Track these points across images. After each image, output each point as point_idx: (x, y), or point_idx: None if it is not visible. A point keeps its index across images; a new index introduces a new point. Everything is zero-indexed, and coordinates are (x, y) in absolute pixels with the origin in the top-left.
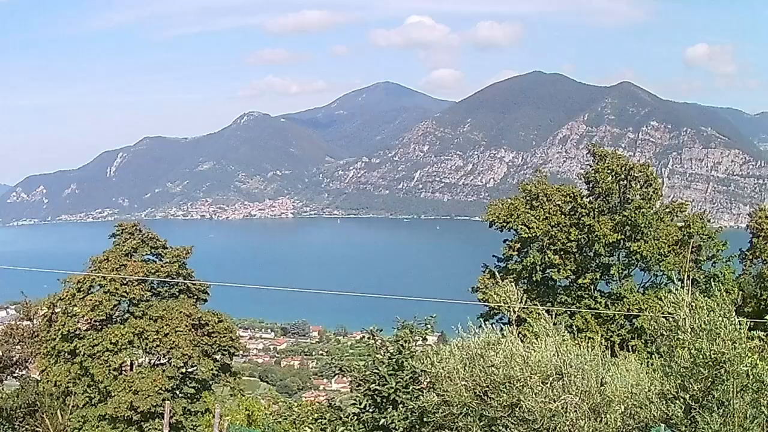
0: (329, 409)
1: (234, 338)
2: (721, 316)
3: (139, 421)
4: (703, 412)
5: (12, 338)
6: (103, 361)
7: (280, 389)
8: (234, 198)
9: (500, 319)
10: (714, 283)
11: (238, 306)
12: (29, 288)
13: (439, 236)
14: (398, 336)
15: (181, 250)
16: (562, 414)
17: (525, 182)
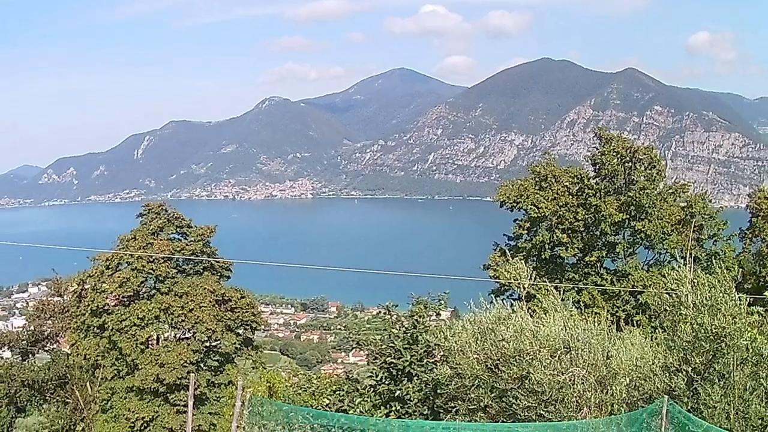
0: (347, 382)
1: (256, 313)
2: (722, 292)
3: (165, 393)
4: (704, 384)
5: (43, 313)
6: (130, 335)
7: (300, 362)
8: (256, 179)
9: (510, 295)
10: (715, 260)
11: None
12: (60, 265)
13: (452, 216)
14: (413, 311)
15: (205, 229)
16: (569, 386)
17: (534, 164)
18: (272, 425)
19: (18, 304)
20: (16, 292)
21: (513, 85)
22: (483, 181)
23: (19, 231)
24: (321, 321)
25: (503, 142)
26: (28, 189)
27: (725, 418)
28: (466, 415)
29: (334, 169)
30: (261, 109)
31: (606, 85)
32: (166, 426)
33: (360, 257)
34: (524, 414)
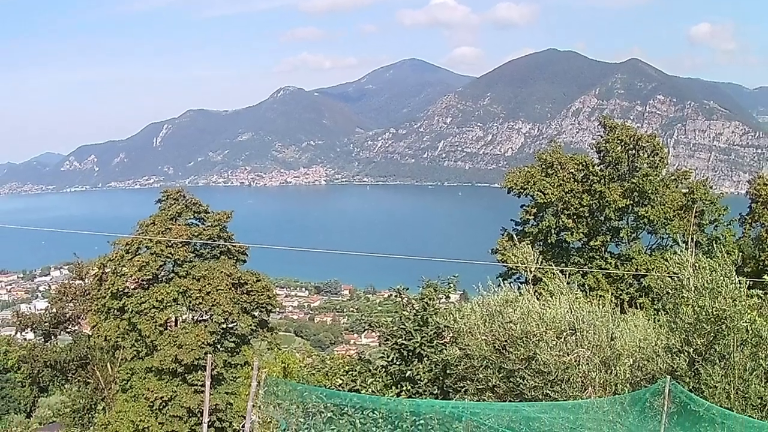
0: (359, 362)
1: (271, 296)
2: (722, 275)
3: (183, 373)
4: (705, 364)
5: (65, 296)
6: (149, 317)
7: (314, 343)
8: (271, 166)
9: (518, 278)
10: (716, 245)
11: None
12: (81, 250)
13: (461, 202)
14: (423, 294)
15: (222, 215)
16: (575, 366)
17: (541, 152)
18: (287, 404)
19: (41, 287)
20: (39, 276)
21: (520, 75)
22: (491, 168)
23: (42, 216)
24: (334, 303)
25: (510, 130)
26: (51, 176)
27: (726, 398)
28: (474, 394)
29: (346, 157)
30: (276, 98)
31: (610, 75)
32: (183, 405)
33: (372, 242)
34: (531, 394)
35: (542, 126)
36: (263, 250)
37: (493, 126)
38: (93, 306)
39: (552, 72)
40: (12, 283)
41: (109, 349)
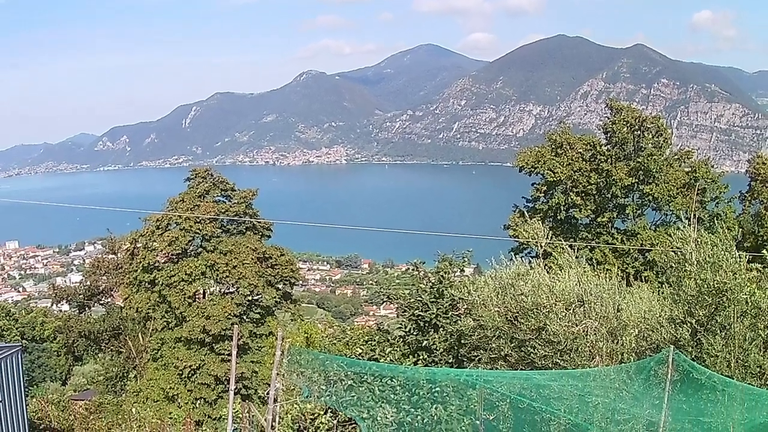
0: (378, 332)
1: (294, 270)
2: (723, 250)
3: (210, 343)
4: (707, 335)
5: (99, 270)
6: (179, 290)
7: (335, 315)
8: (294, 146)
9: (528, 253)
10: (717, 221)
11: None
12: (114, 226)
13: (474, 180)
14: (439, 268)
15: (248, 192)
16: (583, 336)
17: (551, 132)
18: (309, 372)
19: (75, 261)
20: (73, 250)
21: (531, 60)
22: (503, 148)
23: (76, 194)
24: (354, 277)
25: (522, 112)
26: (85, 155)
27: (726, 366)
28: (487, 363)
29: (366, 137)
30: (299, 82)
31: (616, 59)
32: (211, 373)
33: (390, 218)
34: (541, 362)
35: (552, 108)
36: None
37: (506, 108)
38: (125, 279)
39: (561, 57)
40: (48, 258)
41: (141, 320)
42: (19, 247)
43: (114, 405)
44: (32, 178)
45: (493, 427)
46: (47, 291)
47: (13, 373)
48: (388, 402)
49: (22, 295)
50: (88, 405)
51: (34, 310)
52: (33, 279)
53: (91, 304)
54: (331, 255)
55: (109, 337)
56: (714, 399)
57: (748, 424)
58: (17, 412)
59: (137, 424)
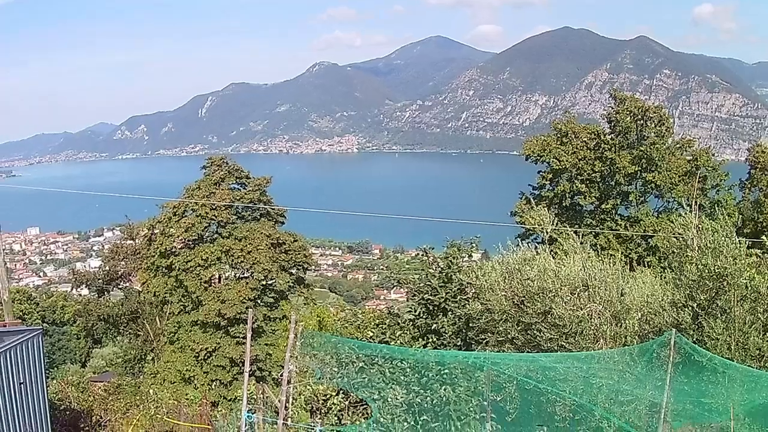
0: (388, 316)
1: (307, 255)
2: (724, 236)
3: (225, 326)
4: (708, 318)
5: (117, 255)
6: (195, 274)
7: (347, 299)
8: (307, 135)
9: (535, 239)
10: (717, 208)
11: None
12: (132, 212)
13: (482, 168)
14: (448, 253)
15: (262, 180)
16: (587, 320)
17: (556, 122)
18: (322, 355)
19: (95, 247)
20: (93, 236)
21: (537, 51)
22: (510, 137)
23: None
24: (365, 262)
25: (528, 102)
26: (104, 144)
27: (727, 349)
28: (495, 346)
29: (377, 126)
30: (312, 73)
31: (620, 51)
32: (226, 356)
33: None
34: (547, 345)
35: (557, 98)
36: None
37: (512, 98)
38: (143, 264)
39: (566, 48)
40: (68, 243)
41: (158, 304)
42: (40, 233)
43: (132, 386)
44: (53, 166)
45: (500, 408)
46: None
47: (34, 355)
48: (398, 383)
49: (43, 280)
50: (107, 386)
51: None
52: (53, 264)
53: (110, 288)
54: (342, 241)
55: (127, 320)
56: (715, 381)
57: (747, 405)
58: (38, 394)
59: (154, 404)
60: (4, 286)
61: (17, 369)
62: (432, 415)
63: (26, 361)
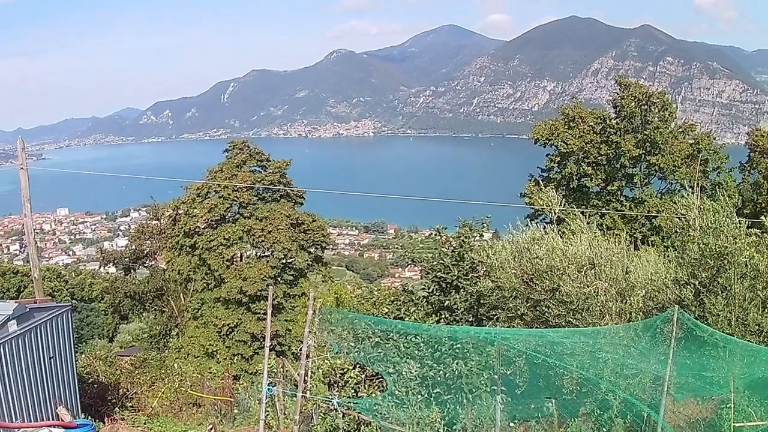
0: (403, 293)
1: (325, 234)
2: (724, 216)
3: (247, 303)
4: (709, 295)
5: (143, 235)
6: (217, 253)
7: (363, 276)
8: (325, 120)
9: (543, 219)
10: (718, 189)
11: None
12: (157, 193)
13: (493, 151)
14: (460, 233)
15: (282, 163)
16: (594, 297)
17: (564, 107)
18: (339, 330)
19: (121, 227)
20: (120, 217)
21: (545, 39)
22: (520, 122)
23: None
24: (381, 241)
25: (537, 88)
26: (130, 128)
27: (727, 325)
28: (505, 322)
29: (392, 111)
30: (330, 60)
31: (625, 39)
32: (248, 331)
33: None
34: (555, 321)
35: (565, 84)
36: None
37: (522, 84)
38: (168, 243)
39: (573, 36)
40: (96, 223)
41: (182, 281)
42: (69, 214)
43: (157, 360)
44: (81, 150)
45: (510, 381)
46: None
47: (63, 330)
48: (412, 358)
49: (72, 259)
50: (133, 360)
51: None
52: (82, 243)
53: (136, 266)
54: (359, 221)
55: (152, 297)
56: (716, 355)
57: (747, 378)
58: (67, 367)
59: (179, 378)
60: (35, 264)
61: (47, 344)
62: (445, 387)
63: (56, 336)
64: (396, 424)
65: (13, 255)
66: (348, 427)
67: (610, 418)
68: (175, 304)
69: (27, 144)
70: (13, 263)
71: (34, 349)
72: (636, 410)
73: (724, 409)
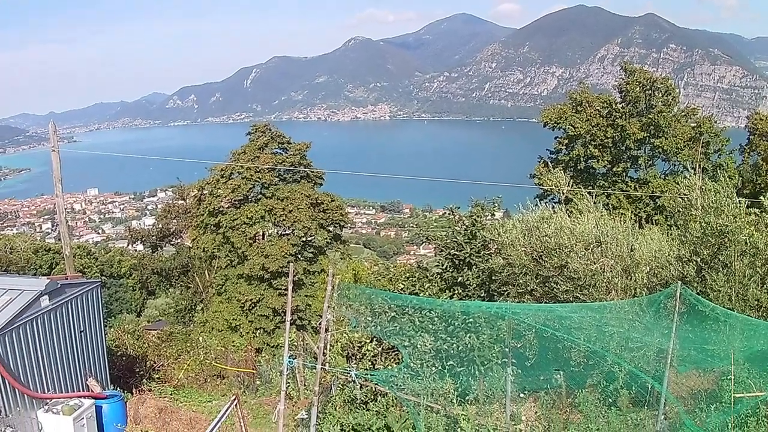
0: (418, 270)
1: (343, 214)
2: (725, 196)
3: (269, 279)
4: (710, 272)
5: (170, 214)
6: (241, 231)
7: (380, 254)
8: (343, 104)
9: (552, 199)
10: (719, 171)
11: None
12: (183, 174)
13: (504, 134)
14: (472, 212)
15: (302, 145)
16: (600, 273)
17: (571, 92)
18: (357, 305)
19: (149, 206)
20: (147, 197)
21: (554, 27)
22: (529, 106)
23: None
24: (397, 220)
25: (546, 73)
26: (157, 112)
27: (728, 300)
28: (515, 297)
29: (407, 96)
30: (348, 47)
31: (630, 27)
32: (269, 306)
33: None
34: (563, 296)
35: (572, 70)
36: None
37: (531, 70)
38: (193, 222)
39: (581, 24)
40: (125, 203)
41: (207, 258)
42: (98, 194)
43: (183, 334)
44: (110, 133)
45: (520, 354)
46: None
47: (93, 305)
48: (426, 331)
49: (102, 237)
50: (160, 334)
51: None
52: (111, 222)
53: (163, 244)
54: (376, 201)
55: (178, 273)
56: (717, 329)
57: (746, 351)
58: (97, 340)
59: (204, 351)
60: (66, 242)
61: (78, 318)
62: (458, 360)
63: (86, 310)
64: (411, 394)
65: (45, 233)
66: (365, 397)
67: (615, 389)
68: (199, 280)
69: (58, 127)
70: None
71: (65, 323)
72: (640, 382)
73: (725, 380)
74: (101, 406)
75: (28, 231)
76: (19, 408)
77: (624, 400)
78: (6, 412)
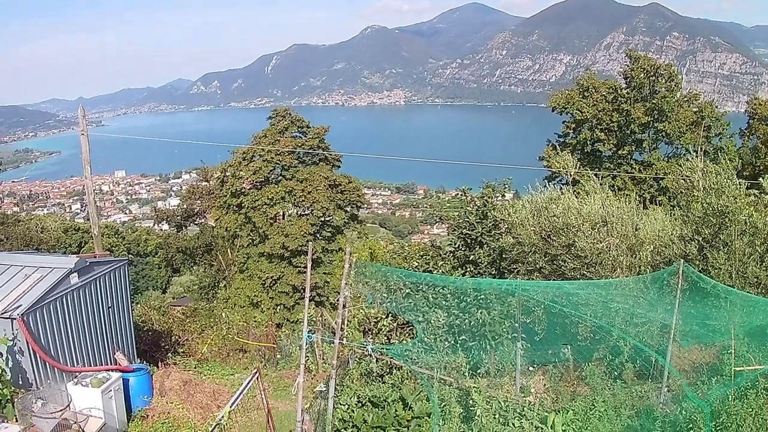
0: (431, 248)
1: (360, 195)
2: (726, 178)
3: (288, 257)
4: (712, 250)
5: (194, 195)
6: (262, 212)
7: (395, 233)
8: (360, 90)
9: (560, 180)
10: (720, 154)
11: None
12: (207, 157)
13: (514, 119)
14: (483, 193)
15: (321, 129)
16: (606, 252)
17: (579, 78)
18: (373, 282)
19: (174, 188)
20: (172, 178)
21: (562, 16)
22: (538, 92)
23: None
24: (411, 201)
25: (554, 60)
26: (182, 97)
27: (728, 277)
28: (525, 275)
29: (421, 82)
30: (365, 35)
31: (635, 16)
32: (289, 283)
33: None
34: (571, 274)
35: (580, 57)
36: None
37: (540, 57)
38: (216, 203)
39: (587, 13)
40: (151, 185)
41: (229, 237)
42: (126, 176)
43: (206, 310)
44: (137, 117)
45: (529, 329)
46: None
47: (120, 282)
48: (440, 307)
49: (129, 217)
50: (185, 310)
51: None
52: (138, 203)
53: (187, 224)
54: (391, 182)
55: (202, 252)
56: (718, 305)
57: (746, 327)
58: (124, 316)
59: (226, 326)
60: (95, 222)
61: (106, 294)
62: (470, 335)
63: (114, 287)
64: (425, 368)
65: (74, 213)
66: (381, 371)
67: (621, 362)
68: (222, 258)
69: (87, 112)
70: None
71: (93, 299)
72: (645, 356)
73: (725, 354)
74: (128, 379)
75: (58, 211)
76: (50, 381)
77: (629, 373)
78: (37, 384)
